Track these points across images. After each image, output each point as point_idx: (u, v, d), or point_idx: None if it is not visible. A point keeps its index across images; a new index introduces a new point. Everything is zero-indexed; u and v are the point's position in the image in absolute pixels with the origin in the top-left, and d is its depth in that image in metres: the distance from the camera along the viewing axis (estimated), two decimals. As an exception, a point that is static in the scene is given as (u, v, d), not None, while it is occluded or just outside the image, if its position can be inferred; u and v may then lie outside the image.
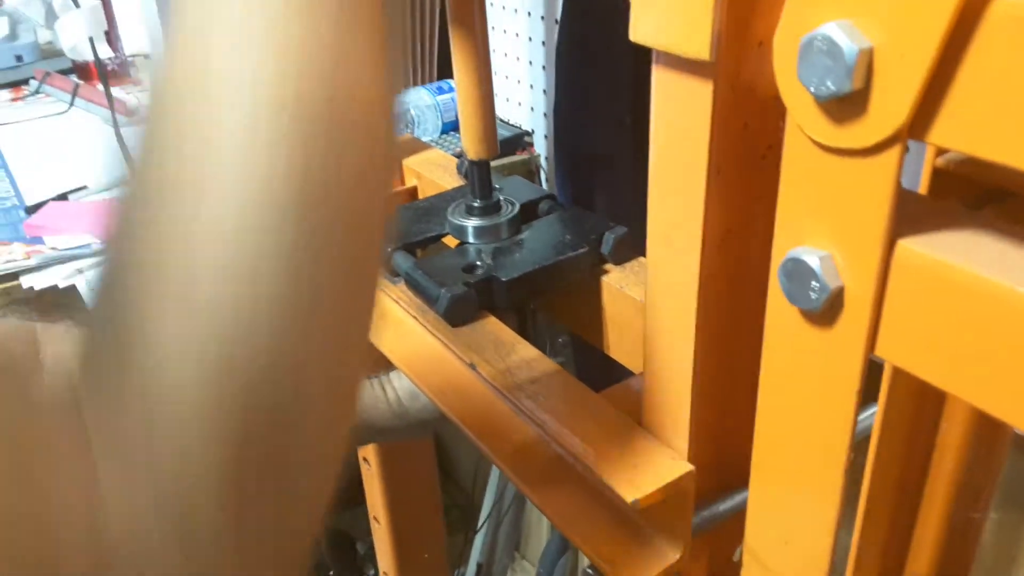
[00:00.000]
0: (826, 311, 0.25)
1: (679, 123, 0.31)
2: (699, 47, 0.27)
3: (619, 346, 0.54)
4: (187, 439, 0.21)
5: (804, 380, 0.28)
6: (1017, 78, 0.19)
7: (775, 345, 0.28)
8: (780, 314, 0.27)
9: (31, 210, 0.83)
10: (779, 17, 0.24)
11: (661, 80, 0.31)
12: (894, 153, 0.22)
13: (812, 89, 0.22)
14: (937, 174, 0.30)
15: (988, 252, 0.23)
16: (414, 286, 0.53)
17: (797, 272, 0.25)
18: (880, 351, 0.25)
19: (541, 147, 0.94)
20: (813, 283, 0.25)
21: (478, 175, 0.55)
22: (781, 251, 0.26)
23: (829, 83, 0.22)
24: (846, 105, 0.22)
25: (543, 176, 0.94)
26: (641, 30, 0.29)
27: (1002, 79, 0.20)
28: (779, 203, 0.26)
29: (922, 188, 0.31)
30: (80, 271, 0.72)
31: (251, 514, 0.23)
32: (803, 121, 0.24)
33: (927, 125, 0.21)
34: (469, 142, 0.54)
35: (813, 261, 0.25)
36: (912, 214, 0.25)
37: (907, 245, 0.23)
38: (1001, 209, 0.28)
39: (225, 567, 0.23)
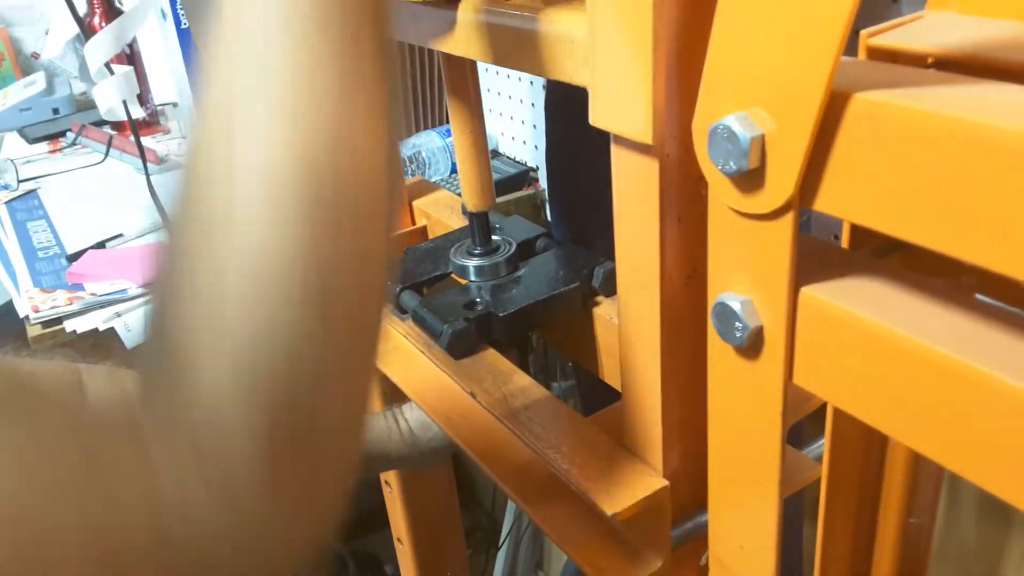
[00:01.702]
0: (750, 346, 0.30)
1: (633, 189, 0.36)
2: (642, 133, 0.32)
3: (611, 371, 0.58)
4: (226, 437, 0.26)
5: (739, 404, 0.32)
6: (873, 158, 0.24)
7: (715, 376, 0.33)
8: (717, 349, 0.32)
9: (72, 258, 0.89)
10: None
11: (617, 154, 0.36)
12: (789, 218, 0.27)
13: (720, 167, 0.27)
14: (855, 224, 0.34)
15: (881, 297, 0.28)
16: (420, 322, 0.58)
17: (724, 314, 0.30)
18: (798, 380, 0.30)
19: (545, 182, 0.99)
20: (737, 323, 0.30)
21: (477, 224, 0.60)
22: (712, 296, 0.31)
23: (732, 163, 0.27)
24: (747, 179, 0.27)
25: (548, 209, 0.99)
26: (596, 116, 0.34)
27: (862, 158, 0.24)
28: (709, 256, 0.31)
29: (844, 234, 0.35)
30: (119, 315, 0.78)
31: (283, 482, 0.27)
32: (718, 190, 0.29)
33: (812, 195, 0.26)
34: (468, 195, 0.59)
35: (736, 305, 0.29)
36: (820, 263, 0.29)
37: (809, 292, 0.28)
38: (905, 255, 0.32)
39: (267, 528, 0.27)
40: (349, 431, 0.30)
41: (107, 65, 0.73)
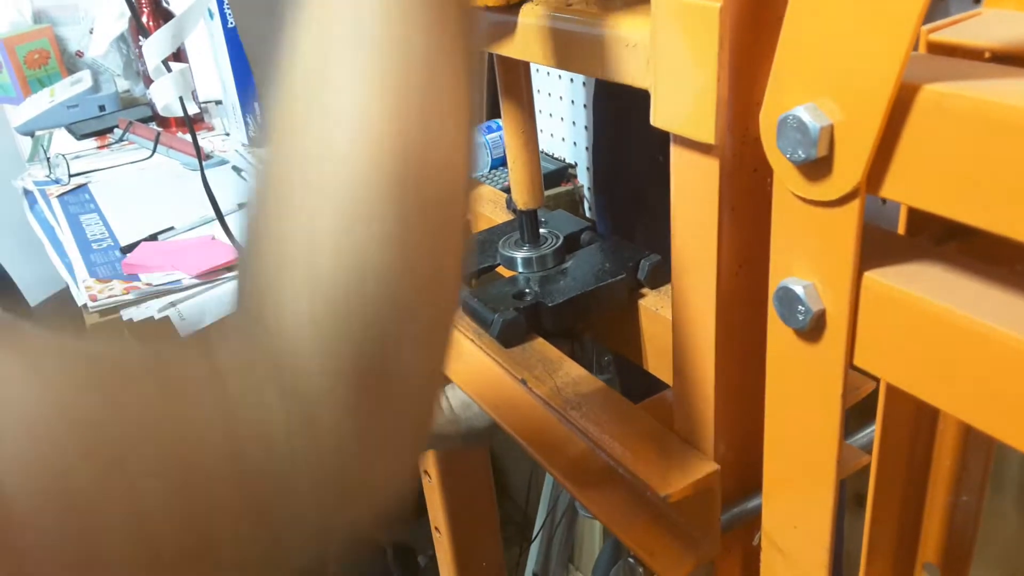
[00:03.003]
0: (812, 330, 0.31)
1: (692, 184, 0.38)
2: (706, 134, 0.34)
3: (656, 363, 0.60)
4: (311, 367, 0.27)
5: (798, 387, 0.33)
6: (940, 147, 0.25)
7: (775, 359, 0.34)
8: (777, 333, 0.33)
9: (126, 250, 0.92)
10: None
11: (677, 152, 0.37)
12: (855, 204, 0.28)
13: (788, 156, 0.28)
14: (912, 212, 0.35)
15: (941, 281, 0.29)
16: (470, 312, 0.60)
17: (787, 298, 0.31)
18: (858, 362, 0.31)
19: (584, 178, 1.01)
20: (799, 307, 0.31)
21: (527, 221, 0.61)
22: (775, 281, 0.32)
23: (800, 152, 0.28)
24: (815, 168, 0.28)
25: (586, 205, 1.00)
26: (659, 117, 0.36)
27: (929, 147, 0.26)
28: (772, 242, 0.32)
29: (901, 224, 0.36)
30: (173, 304, 0.80)
31: (365, 415, 0.28)
32: (785, 178, 0.30)
33: (879, 182, 0.27)
34: (518, 194, 0.61)
35: (799, 289, 0.31)
36: (882, 249, 0.30)
37: (873, 276, 0.29)
38: (963, 243, 0.33)
39: (347, 462, 0.28)
40: (429, 377, 0.31)
41: (164, 62, 0.76)
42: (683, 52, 0.34)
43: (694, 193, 0.38)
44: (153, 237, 0.94)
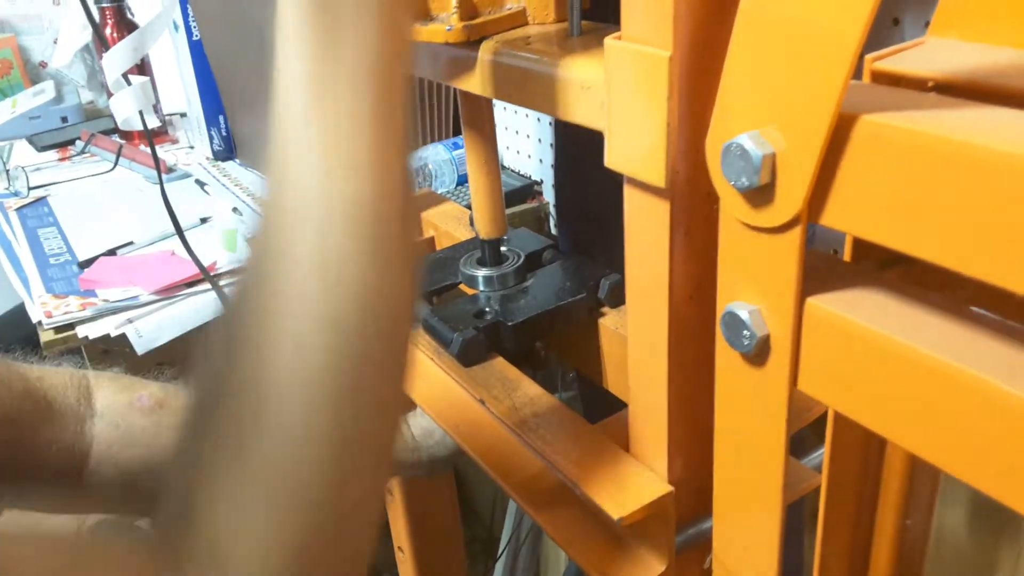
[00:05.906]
0: (757, 354, 0.31)
1: (645, 218, 0.38)
2: (657, 177, 0.34)
3: (615, 381, 0.60)
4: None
5: (745, 410, 0.34)
6: (877, 176, 0.26)
7: (723, 382, 0.34)
8: (725, 356, 0.34)
9: (83, 265, 0.90)
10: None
11: (629, 191, 0.38)
12: (797, 231, 0.28)
13: (732, 183, 0.29)
14: (858, 238, 0.36)
15: (882, 308, 0.29)
16: (430, 331, 0.59)
17: (733, 323, 0.32)
18: (802, 387, 0.31)
19: (549, 195, 1.01)
20: (745, 331, 0.31)
21: (489, 250, 0.61)
22: (722, 305, 0.32)
23: (744, 179, 0.28)
24: (758, 195, 0.29)
25: (552, 222, 1.01)
26: (612, 159, 0.36)
27: (867, 177, 0.26)
28: (719, 267, 0.33)
29: (846, 250, 0.37)
30: (130, 321, 0.79)
31: None
32: (730, 205, 0.30)
33: (819, 210, 0.28)
34: (481, 224, 0.61)
35: (744, 314, 0.31)
36: (826, 275, 0.31)
37: (814, 302, 0.29)
38: (907, 269, 0.34)
39: None
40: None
41: (124, 75, 0.75)
42: (634, 98, 0.34)
43: (646, 227, 0.39)
44: (112, 252, 0.92)
